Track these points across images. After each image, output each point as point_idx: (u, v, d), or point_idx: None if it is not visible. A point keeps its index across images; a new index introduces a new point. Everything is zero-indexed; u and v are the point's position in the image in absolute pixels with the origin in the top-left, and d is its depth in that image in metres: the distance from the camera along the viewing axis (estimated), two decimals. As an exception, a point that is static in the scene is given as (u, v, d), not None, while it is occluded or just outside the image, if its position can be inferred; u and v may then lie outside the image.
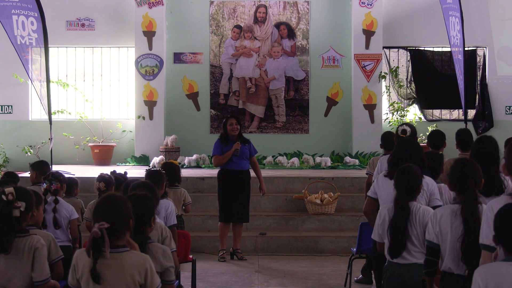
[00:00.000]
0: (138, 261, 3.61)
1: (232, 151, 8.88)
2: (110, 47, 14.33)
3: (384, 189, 5.58)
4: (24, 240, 4.21)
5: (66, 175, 7.22)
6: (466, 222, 4.14)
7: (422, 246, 4.71)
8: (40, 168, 7.40)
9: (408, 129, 6.98)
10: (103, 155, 13.79)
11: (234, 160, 8.95)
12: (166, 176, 6.32)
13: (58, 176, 6.43)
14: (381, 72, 13.91)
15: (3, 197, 4.13)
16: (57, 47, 14.07)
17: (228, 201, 8.96)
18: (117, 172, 7.03)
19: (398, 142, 5.95)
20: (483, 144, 5.11)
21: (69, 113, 14.08)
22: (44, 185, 6.25)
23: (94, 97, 14.34)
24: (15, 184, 5.91)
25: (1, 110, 14.10)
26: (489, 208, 3.75)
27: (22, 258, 4.19)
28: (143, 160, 13.59)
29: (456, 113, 14.40)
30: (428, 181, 5.32)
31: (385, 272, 4.89)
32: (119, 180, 6.79)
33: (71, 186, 7.04)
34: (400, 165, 5.28)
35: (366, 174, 7.91)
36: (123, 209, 3.64)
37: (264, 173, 11.80)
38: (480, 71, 14.35)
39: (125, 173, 6.84)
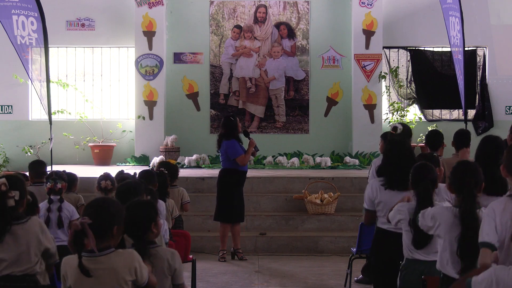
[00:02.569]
0: (127, 261, 3.62)
1: (252, 147, 8.93)
2: (110, 47, 14.32)
3: (386, 200, 5.27)
4: (23, 225, 4.21)
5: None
6: (463, 225, 4.07)
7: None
8: (35, 168, 7.34)
9: (399, 126, 6.81)
10: (103, 155, 13.78)
11: None
12: (167, 175, 6.30)
13: (61, 175, 6.41)
14: (381, 72, 13.91)
15: None
16: (57, 47, 14.06)
17: (230, 202, 8.94)
18: (125, 172, 6.80)
19: (388, 141, 5.71)
20: (488, 143, 5.10)
21: (69, 113, 14.07)
22: (48, 184, 6.22)
23: (94, 97, 14.34)
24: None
25: (1, 110, 14.10)
26: (490, 208, 3.73)
27: (22, 244, 4.19)
28: (143, 160, 13.58)
29: (456, 113, 14.40)
30: None
31: (404, 270, 4.73)
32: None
33: (72, 181, 7.04)
34: (390, 164, 5.23)
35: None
36: (111, 211, 3.63)
37: (264, 173, 11.84)
38: (480, 71, 14.34)
39: (135, 174, 6.69)
